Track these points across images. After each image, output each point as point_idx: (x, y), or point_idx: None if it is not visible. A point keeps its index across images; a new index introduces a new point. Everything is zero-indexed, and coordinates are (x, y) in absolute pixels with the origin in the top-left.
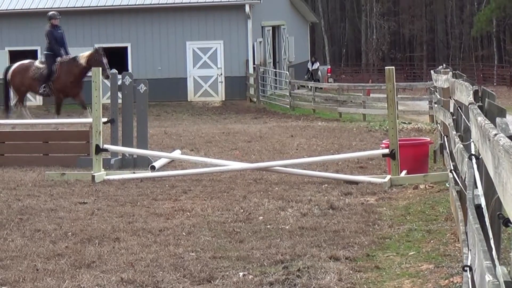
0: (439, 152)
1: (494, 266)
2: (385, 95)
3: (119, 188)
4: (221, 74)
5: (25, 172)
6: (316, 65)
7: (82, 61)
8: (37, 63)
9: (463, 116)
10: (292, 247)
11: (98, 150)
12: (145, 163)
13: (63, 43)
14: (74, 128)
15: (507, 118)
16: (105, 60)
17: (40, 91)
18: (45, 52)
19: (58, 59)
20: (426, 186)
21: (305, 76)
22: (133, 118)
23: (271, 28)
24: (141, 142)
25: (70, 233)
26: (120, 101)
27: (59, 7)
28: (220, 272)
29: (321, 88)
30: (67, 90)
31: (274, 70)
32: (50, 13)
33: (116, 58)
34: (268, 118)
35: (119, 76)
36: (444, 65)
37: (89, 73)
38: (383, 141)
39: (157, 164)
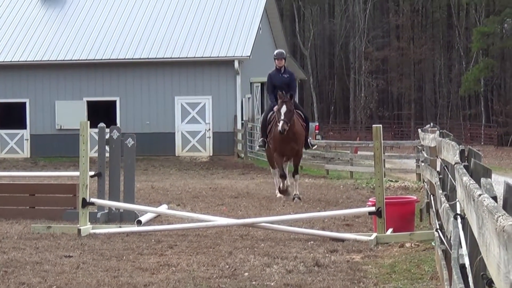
0: (425, 211)
1: None
2: (372, 153)
3: (105, 242)
4: (209, 129)
5: (11, 225)
6: None
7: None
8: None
9: (450, 176)
10: None
11: (85, 203)
12: (131, 217)
13: (285, 90)
14: (61, 181)
15: (494, 177)
16: (282, 115)
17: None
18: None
19: (275, 107)
20: (412, 245)
21: None
22: (120, 172)
23: (260, 84)
24: (128, 196)
25: (55, 286)
26: (107, 154)
27: (48, 60)
28: None
29: None
30: (276, 145)
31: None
32: (275, 51)
33: (105, 112)
34: (256, 174)
35: (107, 130)
36: (432, 123)
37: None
38: (370, 199)
39: (143, 218)
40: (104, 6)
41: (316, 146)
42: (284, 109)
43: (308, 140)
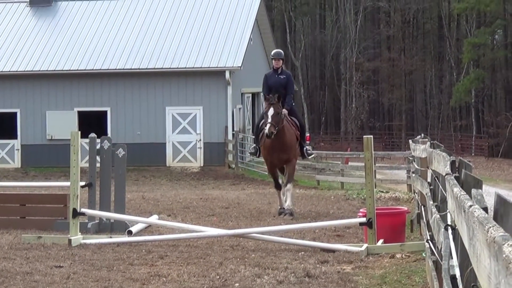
0: (416, 222)
1: None
2: (363, 164)
3: (96, 252)
4: (200, 140)
5: (1, 235)
6: None
7: None
8: None
9: (440, 186)
10: None
11: (75, 214)
12: (122, 227)
13: (281, 92)
14: (52, 191)
15: (484, 188)
16: (269, 117)
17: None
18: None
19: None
20: (403, 256)
21: None
22: (111, 183)
23: (250, 95)
24: (119, 206)
25: None
26: (98, 165)
27: (39, 70)
28: None
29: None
30: (264, 152)
31: (253, 137)
32: (273, 51)
33: (96, 122)
34: (246, 185)
35: (98, 140)
36: (423, 134)
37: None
38: (361, 210)
39: (134, 229)
40: (95, 16)
41: (314, 155)
42: (271, 111)
43: (305, 149)
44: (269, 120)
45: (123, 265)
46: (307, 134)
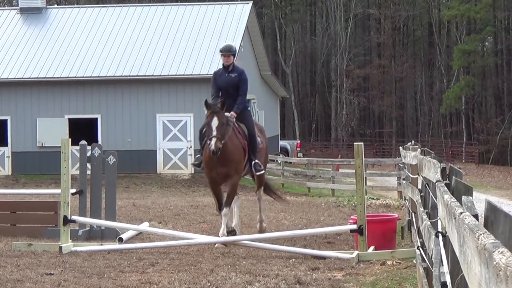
0: (407, 229)
1: None
2: (354, 171)
3: (86, 259)
4: (191, 146)
5: None
6: None
7: None
8: None
9: (431, 193)
10: None
11: (66, 221)
12: (112, 235)
13: (232, 94)
14: (42, 198)
15: (475, 195)
16: (214, 130)
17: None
18: None
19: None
20: (394, 262)
21: None
22: (102, 190)
23: None
24: (109, 214)
25: None
26: (89, 172)
27: (30, 77)
28: None
29: (290, 162)
30: (206, 165)
31: None
32: (222, 45)
33: (86, 129)
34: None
35: (89, 147)
36: (413, 141)
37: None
38: (351, 217)
39: (124, 236)
40: (86, 23)
41: (263, 171)
42: (215, 122)
43: (253, 163)
44: (214, 133)
45: (114, 272)
46: (298, 141)
